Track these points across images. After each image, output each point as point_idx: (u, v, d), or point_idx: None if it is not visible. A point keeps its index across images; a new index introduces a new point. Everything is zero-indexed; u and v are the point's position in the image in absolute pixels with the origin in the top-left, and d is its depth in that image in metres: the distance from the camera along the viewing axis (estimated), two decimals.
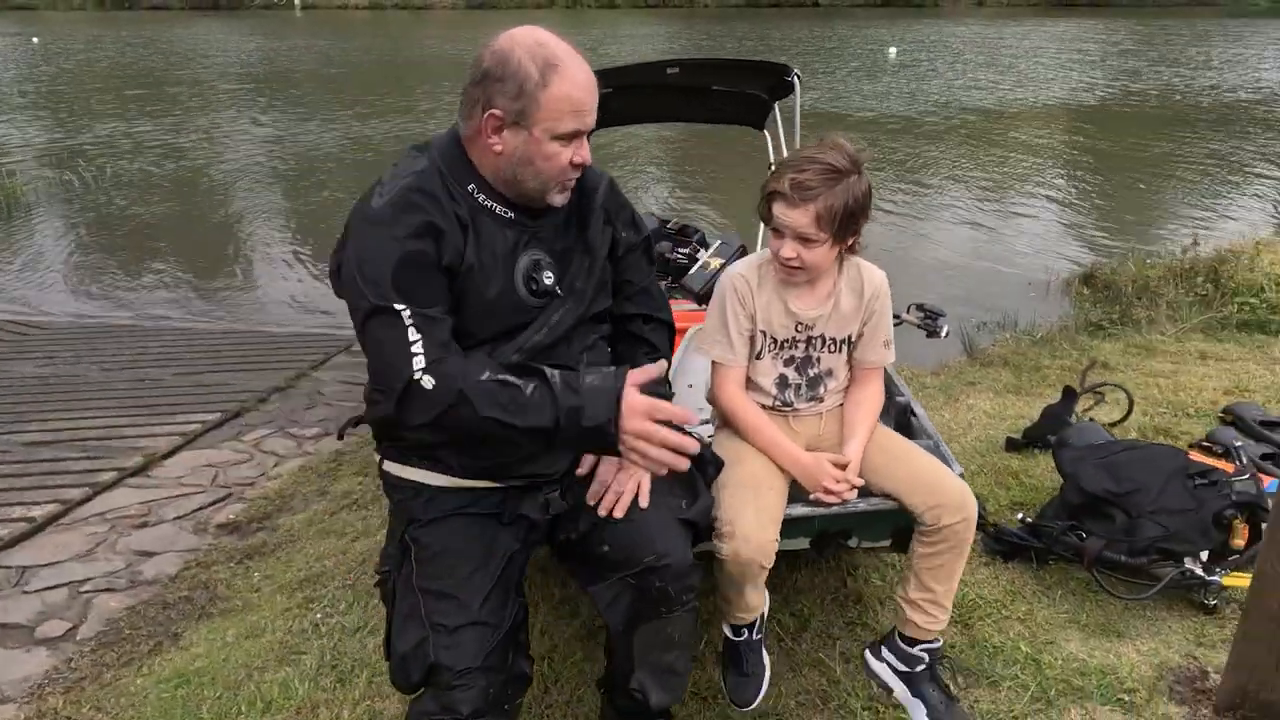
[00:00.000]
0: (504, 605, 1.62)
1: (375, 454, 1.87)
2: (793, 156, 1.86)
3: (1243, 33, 32.16)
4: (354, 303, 1.57)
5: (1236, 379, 4.15)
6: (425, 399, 1.50)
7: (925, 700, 1.90)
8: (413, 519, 1.70)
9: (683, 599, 1.64)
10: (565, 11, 46.80)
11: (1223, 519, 2.41)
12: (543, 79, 1.55)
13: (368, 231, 1.58)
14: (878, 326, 1.97)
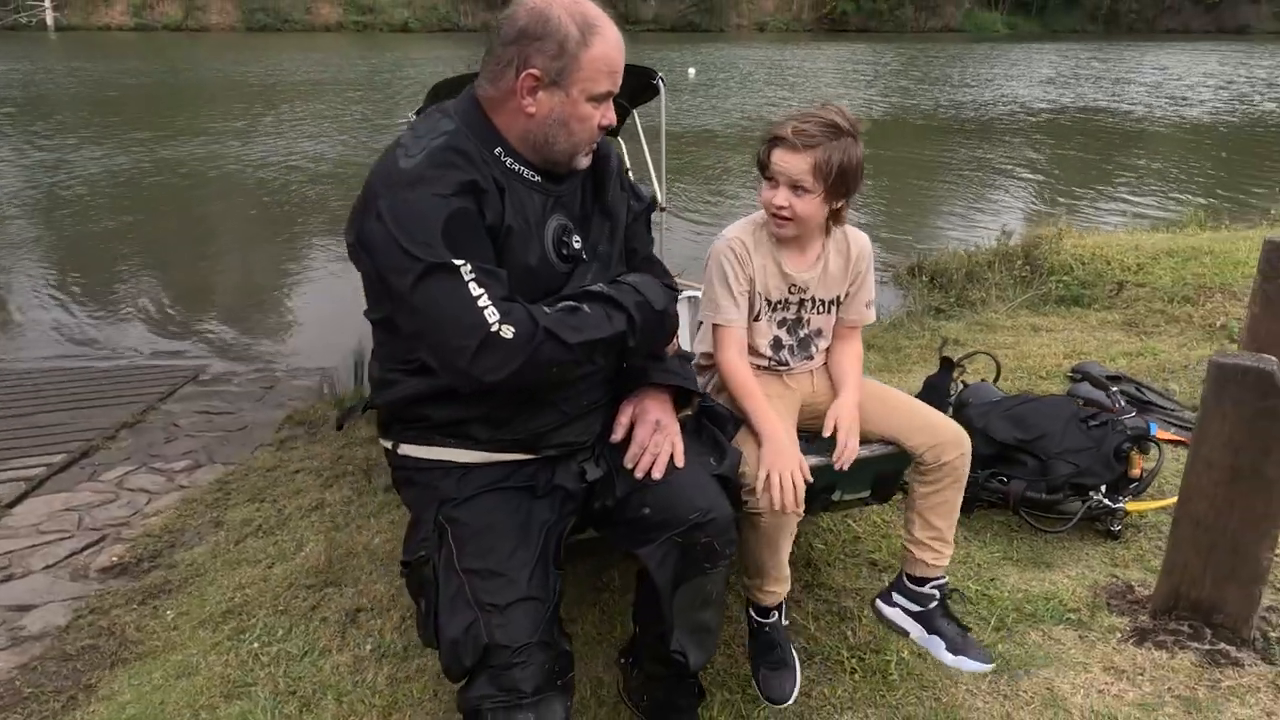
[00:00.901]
0: (547, 579, 1.57)
1: (383, 440, 1.76)
2: (796, 110, 1.93)
3: (988, 55, 35.93)
4: (396, 266, 1.48)
5: (1068, 345, 4.64)
6: (507, 349, 1.44)
7: (942, 634, 1.99)
8: (445, 499, 1.62)
9: (726, 553, 1.66)
10: (355, 34, 45.37)
11: (1121, 452, 2.70)
12: (584, 38, 1.54)
13: (404, 192, 1.49)
14: (862, 286, 2.07)
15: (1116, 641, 2.21)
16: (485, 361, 1.45)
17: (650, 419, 1.72)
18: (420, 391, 1.61)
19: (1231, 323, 4.58)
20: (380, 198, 1.51)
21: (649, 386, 1.76)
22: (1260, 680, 2.05)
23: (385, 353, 1.67)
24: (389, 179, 1.52)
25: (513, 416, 1.61)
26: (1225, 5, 58.32)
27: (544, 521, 1.62)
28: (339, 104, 18.17)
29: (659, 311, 1.60)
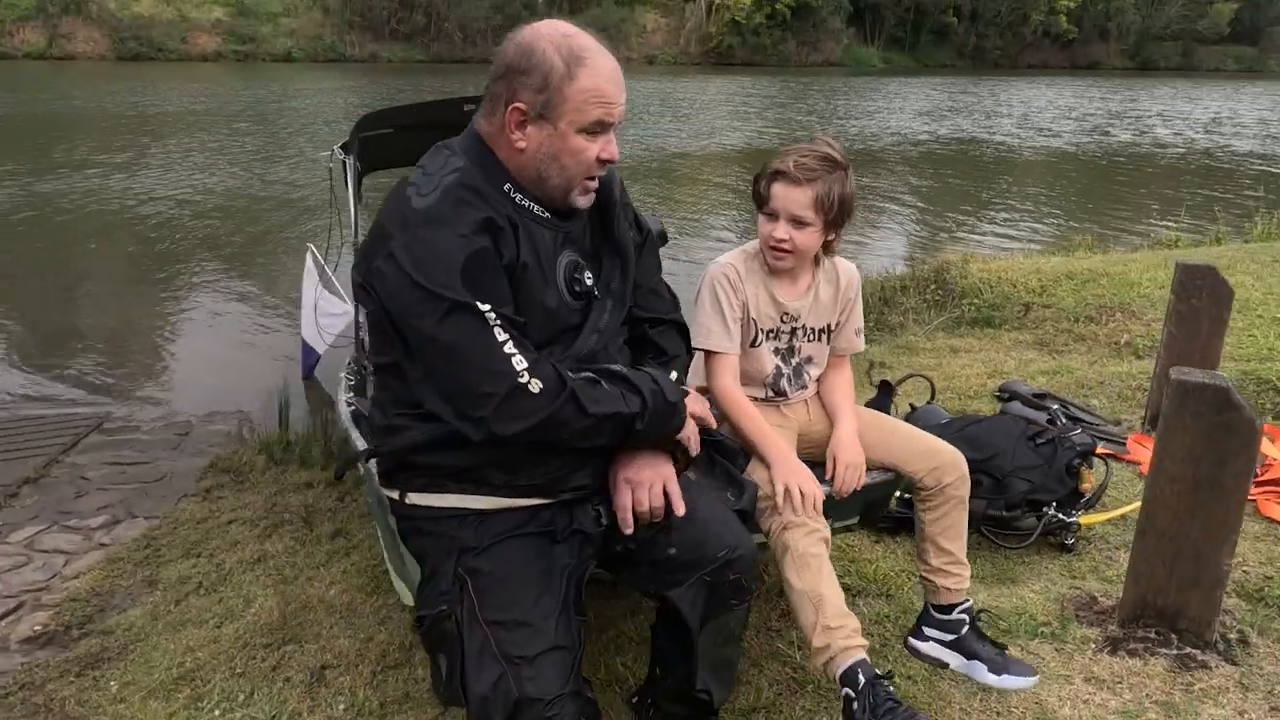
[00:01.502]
0: (571, 626, 1.53)
1: (386, 490, 1.67)
2: (792, 147, 1.96)
3: (868, 88, 37.54)
4: (415, 308, 1.43)
5: (988, 365, 4.84)
6: (532, 403, 1.41)
7: (980, 657, 2.01)
8: (464, 548, 1.55)
9: (752, 588, 1.65)
10: (235, 64, 43.91)
11: (1072, 468, 2.82)
12: (568, 71, 1.52)
13: (421, 231, 1.45)
14: (852, 315, 2.11)
15: (1092, 652, 2.29)
16: (507, 412, 1.43)
17: (619, 480, 1.65)
18: (432, 438, 1.55)
19: (1135, 340, 4.86)
20: (393, 238, 1.47)
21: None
22: (1228, 681, 2.16)
23: (391, 397, 1.60)
24: (403, 219, 1.48)
25: (525, 461, 1.57)
26: (1079, 43, 62.70)
27: (565, 566, 1.57)
28: (225, 136, 17.51)
29: (671, 403, 1.59)
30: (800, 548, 1.79)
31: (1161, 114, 27.32)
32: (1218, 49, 63.98)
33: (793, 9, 54.54)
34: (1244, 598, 2.52)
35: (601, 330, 1.64)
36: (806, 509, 1.75)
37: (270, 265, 8.72)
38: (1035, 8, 60.30)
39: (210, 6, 48.47)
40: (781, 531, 1.78)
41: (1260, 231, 7.83)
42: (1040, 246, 9.07)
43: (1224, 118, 26.23)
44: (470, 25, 50.42)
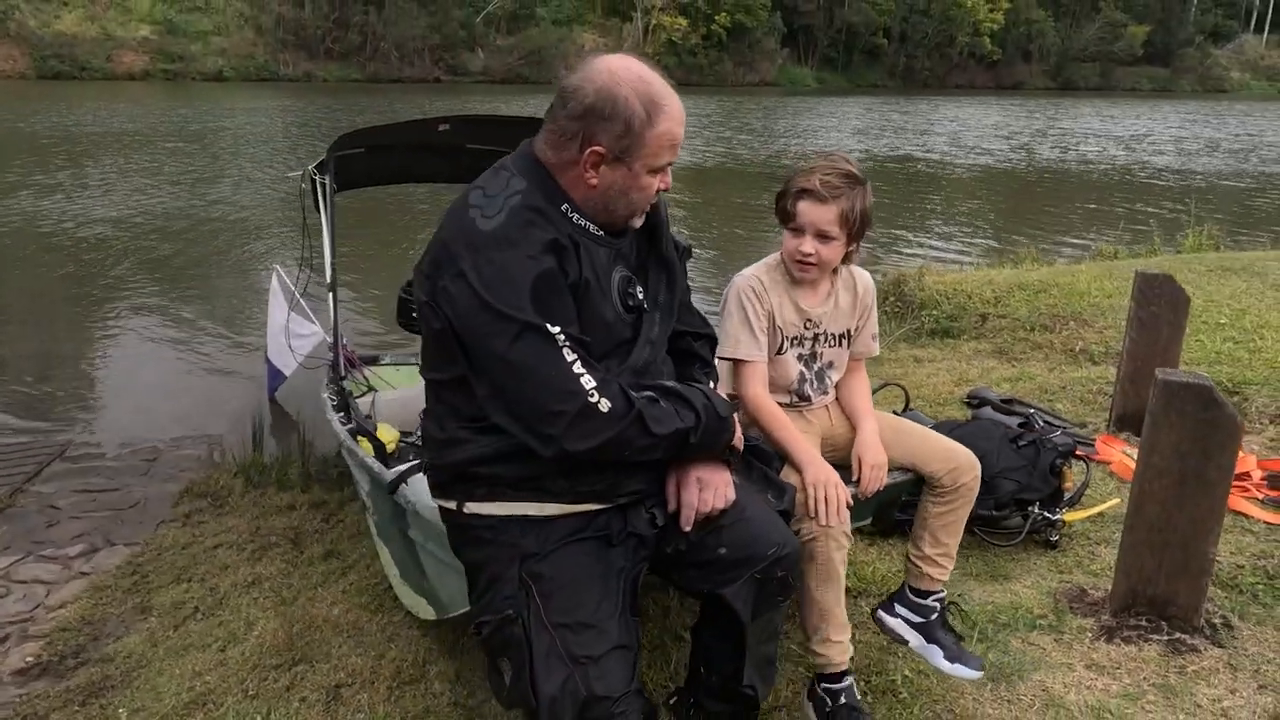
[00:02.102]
0: (629, 626, 1.57)
1: (442, 502, 1.70)
2: (813, 164, 2.04)
3: (802, 107, 38.29)
4: (487, 328, 1.47)
5: (953, 373, 5.00)
6: (602, 421, 1.47)
7: (940, 643, 2.10)
8: (526, 554, 1.59)
9: (795, 585, 1.71)
10: (165, 83, 42.87)
11: (1055, 468, 2.96)
12: (649, 118, 1.57)
13: (491, 252, 1.49)
14: (869, 321, 2.21)
15: (1089, 641, 2.41)
16: (578, 430, 1.48)
17: (691, 478, 1.72)
18: (495, 450, 1.58)
19: (1090, 346, 5.08)
20: (462, 258, 1.51)
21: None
22: (1218, 663, 2.29)
23: (448, 411, 1.63)
24: (470, 239, 1.52)
25: (586, 468, 1.61)
26: (1003, 64, 64.91)
27: (621, 569, 1.62)
28: (162, 156, 17.10)
29: (722, 418, 1.66)
30: (825, 558, 1.90)
31: (1084, 132, 28.44)
32: (1133, 70, 66.86)
33: (728, 30, 55.45)
34: (1220, 586, 2.66)
35: (653, 342, 1.69)
36: (832, 515, 1.85)
37: (220, 287, 8.56)
38: (961, 29, 62.31)
39: (137, 24, 47.29)
40: (811, 539, 1.86)
41: (1192, 243, 8.23)
42: (985, 260, 9.37)
43: (1141, 135, 27.42)
44: (407, 44, 50.09)
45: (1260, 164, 20.23)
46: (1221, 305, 5.31)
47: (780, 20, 58.37)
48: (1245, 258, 6.90)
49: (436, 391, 1.66)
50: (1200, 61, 68.72)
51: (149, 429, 5.22)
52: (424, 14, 51.25)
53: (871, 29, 61.54)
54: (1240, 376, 4.10)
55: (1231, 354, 4.44)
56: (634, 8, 55.94)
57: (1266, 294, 5.52)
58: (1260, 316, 4.99)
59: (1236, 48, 72.55)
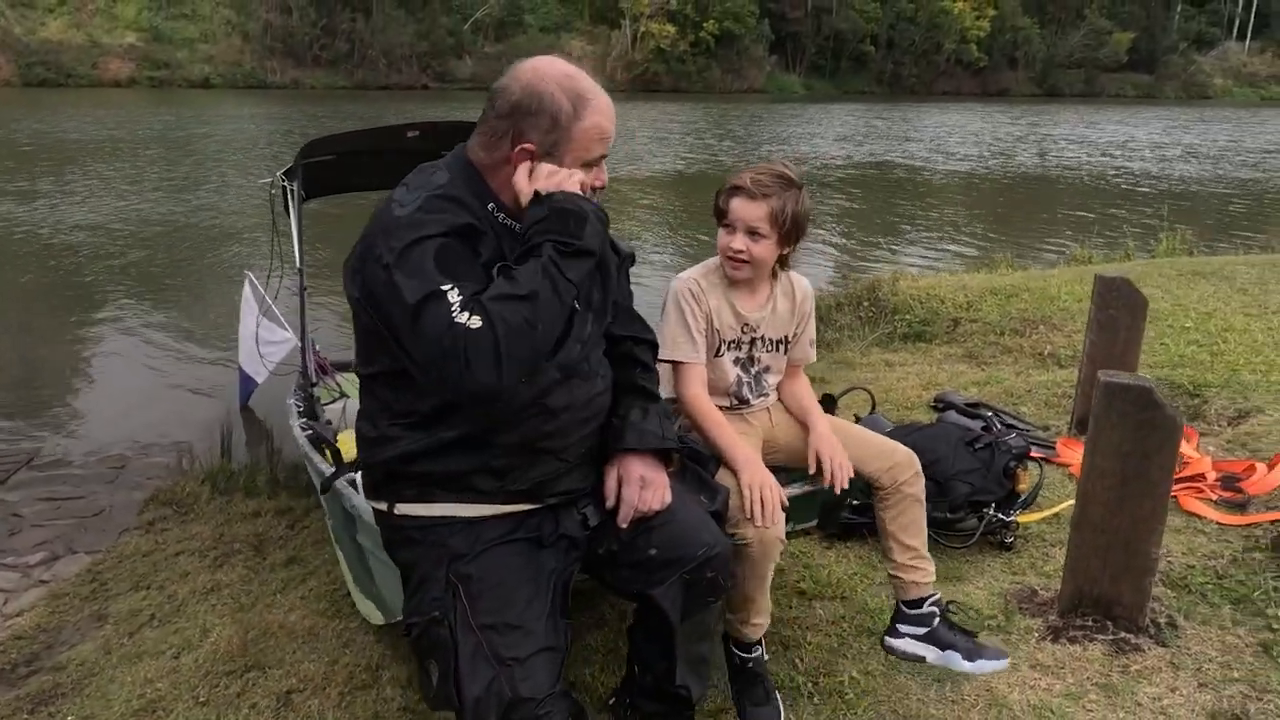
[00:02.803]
0: (558, 628, 1.59)
1: (374, 502, 1.71)
2: (751, 165, 2.09)
3: (787, 114, 38.41)
4: (398, 308, 1.47)
5: (922, 377, 5.03)
6: (480, 338, 1.41)
7: (955, 647, 2.10)
8: (455, 555, 1.60)
9: (726, 585, 1.72)
10: (151, 90, 42.77)
11: (1009, 470, 2.98)
12: (576, 111, 1.60)
13: (397, 235, 1.51)
14: (807, 328, 2.23)
15: (1035, 641, 2.43)
16: (474, 359, 1.41)
17: (635, 477, 1.74)
18: (422, 447, 1.60)
19: (1058, 350, 5.12)
20: (376, 246, 1.53)
21: (628, 450, 1.78)
22: (1160, 662, 2.31)
23: (379, 408, 1.64)
24: (384, 227, 1.54)
25: (515, 466, 1.62)
26: (989, 71, 65.28)
27: (552, 571, 1.63)
28: (145, 163, 17.06)
29: (547, 215, 1.54)
30: (757, 560, 1.92)
31: (1066, 138, 28.63)
32: (1118, 76, 67.34)
33: (716, 37, 55.64)
34: (1170, 586, 2.69)
35: (584, 341, 1.69)
36: (768, 517, 1.86)
37: (198, 293, 8.54)
38: (948, 37, 62.67)
39: (123, 32, 47.20)
40: (745, 543, 1.88)
41: (1165, 248, 8.30)
42: (961, 265, 9.44)
43: (1122, 142, 27.62)
44: (394, 52, 50.10)
45: (1234, 169, 20.42)
46: (1189, 309, 5.36)
47: (768, 28, 58.61)
48: (1216, 262, 6.97)
49: (369, 387, 1.68)
50: (1184, 68, 69.27)
51: (119, 436, 5.21)
52: (412, 21, 51.32)
53: (859, 36, 61.83)
54: (1201, 379, 4.13)
55: (1194, 357, 4.48)
56: (622, 15, 56.07)
57: (1233, 298, 5.57)
58: (1225, 320, 5.04)
59: (1220, 55, 73.16)
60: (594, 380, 1.71)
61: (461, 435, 1.60)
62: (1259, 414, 3.71)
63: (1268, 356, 4.35)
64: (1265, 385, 3.97)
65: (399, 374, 1.57)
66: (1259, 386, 3.96)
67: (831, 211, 14.14)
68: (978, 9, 63.43)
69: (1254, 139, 29.37)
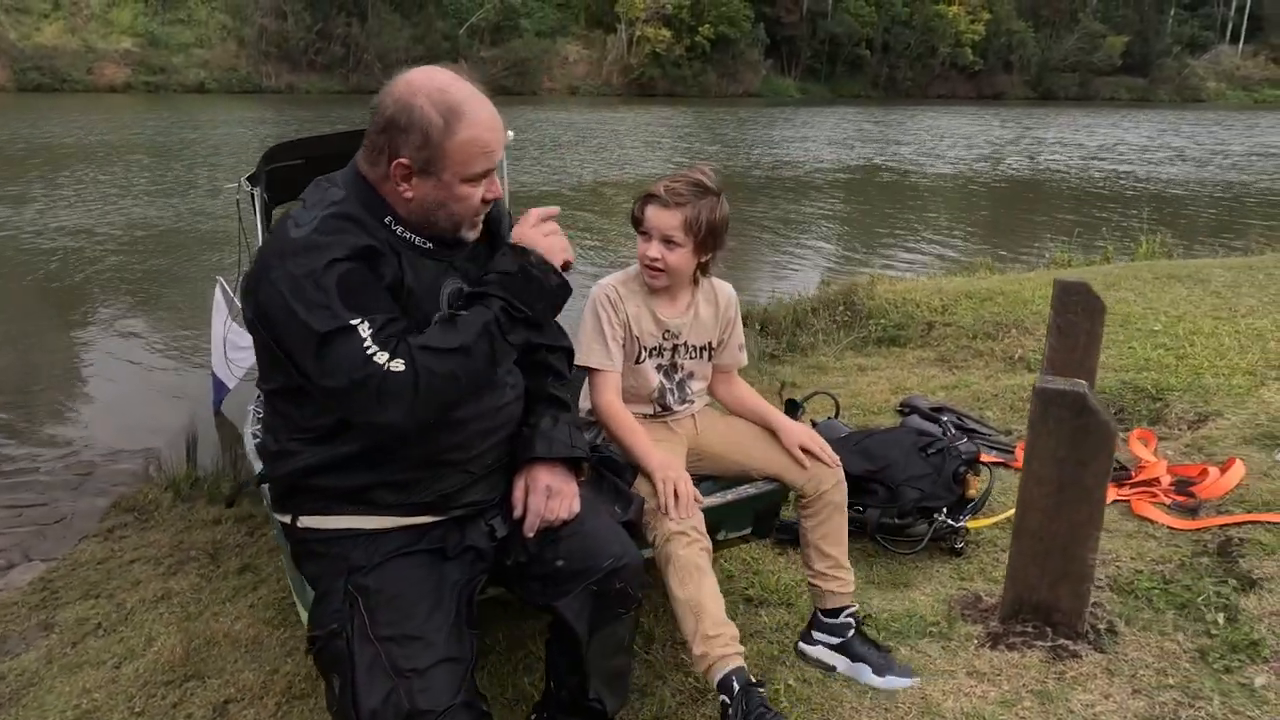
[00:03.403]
0: (464, 639, 1.57)
1: (278, 515, 1.70)
2: (669, 174, 2.07)
3: (779, 118, 38.45)
4: (298, 340, 1.46)
5: (892, 382, 5.02)
6: (400, 380, 1.44)
7: (865, 659, 2.10)
8: (354, 568, 1.58)
9: (638, 596, 1.71)
10: (146, 95, 42.76)
11: (958, 475, 2.98)
12: (448, 126, 1.56)
13: (298, 258, 1.49)
14: (734, 333, 2.22)
15: (974, 648, 2.41)
16: (388, 400, 1.45)
17: (541, 486, 1.73)
18: (322, 461, 1.59)
19: (1029, 354, 5.11)
20: (273, 269, 1.51)
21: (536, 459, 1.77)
22: (1096, 668, 2.30)
23: (280, 423, 1.63)
24: (281, 249, 1.52)
25: (418, 480, 1.61)
26: (984, 74, 65.42)
27: (456, 582, 1.62)
28: (135, 168, 17.05)
29: (514, 273, 1.59)
30: (683, 558, 1.86)
31: (1057, 141, 28.67)
32: (1112, 80, 67.46)
33: (712, 41, 55.70)
34: (1116, 590, 2.68)
35: None
36: (683, 509, 1.83)
37: (179, 299, 8.52)
38: (942, 40, 62.78)
39: (118, 36, 47.18)
40: (665, 542, 1.85)
41: (1145, 250, 8.30)
42: (942, 268, 9.45)
43: (1112, 145, 27.66)
44: (390, 56, 49.96)
45: (1220, 172, 20.46)
46: (1159, 312, 5.36)
47: (764, 31, 58.69)
48: (1192, 265, 6.97)
49: (270, 402, 1.66)
50: (1177, 72, 69.42)
51: (87, 442, 5.20)
52: (407, 25, 51.34)
53: (854, 40, 61.94)
54: (1164, 382, 4.13)
55: (1160, 360, 4.48)
56: (618, 19, 56.14)
57: (1205, 301, 5.57)
58: (1194, 323, 5.04)
59: (1213, 58, 73.33)
60: (503, 390, 1.70)
61: (362, 449, 1.59)
62: (1218, 418, 3.71)
63: (1231, 360, 4.35)
64: (1227, 389, 3.96)
65: (298, 390, 1.57)
66: (1220, 390, 3.96)
67: (818, 215, 14.16)
68: (972, 12, 63.54)
69: (1242, 142, 29.44)
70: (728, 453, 2.17)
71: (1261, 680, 2.20)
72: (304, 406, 1.59)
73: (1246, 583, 2.58)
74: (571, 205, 14.14)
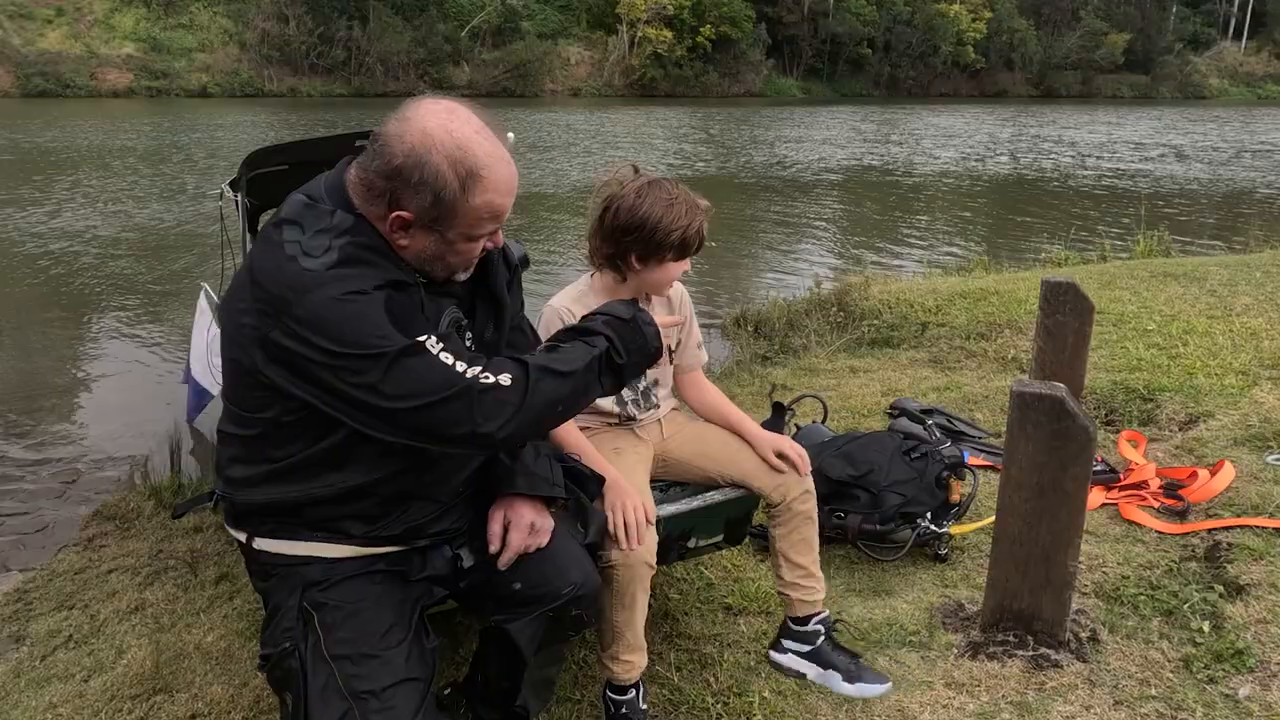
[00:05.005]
0: (424, 654, 1.53)
1: (234, 531, 1.65)
2: (671, 211, 1.93)
3: (785, 116, 38.39)
4: (348, 369, 1.37)
5: (884, 384, 4.97)
6: (506, 395, 1.39)
7: (835, 666, 2.06)
8: (309, 584, 1.54)
9: (591, 622, 1.68)
10: (149, 100, 42.84)
11: (942, 480, 2.92)
12: (464, 189, 1.44)
13: (327, 289, 1.37)
14: (691, 332, 2.17)
15: (954, 658, 2.37)
16: (488, 412, 1.38)
17: (524, 523, 1.67)
18: (286, 496, 1.53)
19: (1021, 355, 5.06)
20: (295, 305, 1.37)
21: (518, 494, 1.71)
22: (1077, 678, 2.25)
23: (249, 453, 1.56)
24: (302, 284, 1.38)
25: (388, 513, 1.56)
26: (986, 72, 65.28)
27: (416, 598, 1.58)
28: (132, 173, 17.06)
29: (627, 320, 1.55)
30: (622, 583, 1.85)
31: (1057, 139, 28.56)
32: (1114, 77, 67.26)
33: (713, 42, 55.64)
34: (1102, 597, 2.63)
35: None
36: (633, 539, 1.79)
37: (171, 304, 8.49)
38: (944, 39, 62.63)
39: (121, 42, 47.32)
40: (609, 566, 1.82)
41: (1143, 248, 8.23)
42: (939, 267, 9.37)
43: (1112, 142, 27.54)
44: (392, 59, 50.15)
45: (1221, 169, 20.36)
46: (1154, 311, 5.30)
47: (765, 32, 58.59)
48: (1190, 263, 6.91)
49: (242, 432, 1.56)
50: (1180, 69, 69.16)
51: (75, 449, 5.17)
52: (409, 28, 51.35)
53: (856, 39, 61.80)
54: (1156, 383, 4.07)
55: (1153, 360, 4.42)
56: (619, 20, 56.11)
57: (1201, 299, 5.51)
58: (1188, 323, 4.98)
59: (1215, 55, 73.08)
60: None
61: (336, 490, 1.53)
62: (1209, 419, 3.65)
63: (1224, 360, 4.29)
64: (1219, 390, 3.91)
65: (283, 424, 1.49)
66: (1212, 391, 3.90)
67: (814, 215, 14.10)
68: (974, 11, 63.40)
69: (1242, 138, 29.29)
70: (694, 460, 2.13)
71: (1246, 691, 2.15)
72: (283, 442, 1.51)
73: (1233, 589, 2.53)
74: (566, 210, 14.11)
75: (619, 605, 1.87)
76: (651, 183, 1.93)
